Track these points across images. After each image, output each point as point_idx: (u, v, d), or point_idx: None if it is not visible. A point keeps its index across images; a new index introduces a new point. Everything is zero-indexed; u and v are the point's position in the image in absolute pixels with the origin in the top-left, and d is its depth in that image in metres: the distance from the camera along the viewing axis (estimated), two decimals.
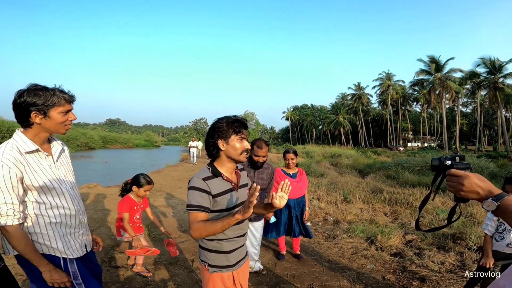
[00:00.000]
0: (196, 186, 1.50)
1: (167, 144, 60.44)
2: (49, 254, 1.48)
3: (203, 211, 1.49)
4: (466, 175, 0.93)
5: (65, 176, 1.58)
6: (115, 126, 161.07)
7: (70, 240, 1.54)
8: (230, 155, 1.56)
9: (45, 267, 1.42)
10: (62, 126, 1.49)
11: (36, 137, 1.46)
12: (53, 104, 1.42)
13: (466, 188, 0.93)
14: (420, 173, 11.14)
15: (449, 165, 1.05)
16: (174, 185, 9.22)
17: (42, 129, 1.46)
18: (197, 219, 1.46)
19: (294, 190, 3.60)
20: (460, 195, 0.95)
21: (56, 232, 1.48)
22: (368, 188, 8.21)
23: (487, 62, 33.07)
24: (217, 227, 1.40)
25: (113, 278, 3.11)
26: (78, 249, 1.58)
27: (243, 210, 1.32)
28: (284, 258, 3.82)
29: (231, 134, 1.54)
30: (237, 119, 1.58)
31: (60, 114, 1.45)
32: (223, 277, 1.60)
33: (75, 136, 34.06)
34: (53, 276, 1.43)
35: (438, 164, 1.10)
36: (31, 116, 1.40)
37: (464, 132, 56.92)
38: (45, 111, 1.41)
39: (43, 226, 1.45)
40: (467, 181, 0.92)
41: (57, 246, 1.48)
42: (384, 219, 5.71)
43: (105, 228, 4.66)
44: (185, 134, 46.19)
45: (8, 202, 1.34)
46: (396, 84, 54.44)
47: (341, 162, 17.27)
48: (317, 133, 76.76)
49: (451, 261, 3.64)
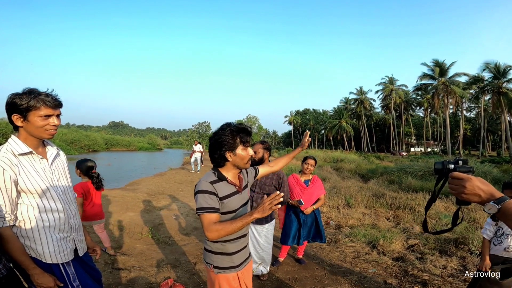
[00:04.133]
0: (205, 189, 1.53)
1: (169, 147, 60.54)
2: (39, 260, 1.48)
3: (215, 212, 1.51)
4: (468, 178, 0.94)
5: (58, 179, 1.58)
6: (118, 129, 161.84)
7: (62, 245, 1.53)
8: (237, 164, 1.61)
9: (32, 270, 1.42)
10: (43, 130, 1.45)
11: (27, 140, 1.46)
12: (30, 107, 1.40)
13: (468, 191, 0.93)
14: (423, 178, 11.09)
15: (452, 169, 1.06)
16: (177, 188, 9.24)
17: (27, 133, 1.45)
18: (212, 221, 1.48)
19: (304, 197, 3.57)
20: (462, 197, 0.95)
21: (49, 236, 1.48)
22: (370, 193, 8.19)
23: (491, 67, 32.97)
24: (236, 226, 1.44)
25: (115, 280, 3.13)
26: (68, 254, 1.57)
27: (262, 210, 1.35)
28: (278, 264, 3.73)
29: (238, 145, 1.57)
30: (241, 129, 1.59)
31: (39, 118, 1.42)
32: (228, 278, 1.63)
33: (78, 138, 34.19)
34: (40, 279, 1.43)
35: (441, 167, 1.11)
36: (12, 119, 1.41)
37: (468, 137, 56.61)
38: (24, 114, 1.40)
39: (35, 230, 1.45)
40: (469, 184, 0.93)
41: (48, 251, 1.48)
42: (386, 223, 5.70)
43: (107, 230, 4.69)
44: (187, 137, 46.30)
45: (0, 204, 1.35)
46: (399, 88, 54.34)
47: (343, 166, 17.21)
48: (320, 138, 76.68)
49: (453, 265, 3.64)
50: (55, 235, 1.51)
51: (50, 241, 1.49)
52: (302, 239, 3.66)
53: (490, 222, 2.47)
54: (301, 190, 3.61)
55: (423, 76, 41.74)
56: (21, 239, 1.44)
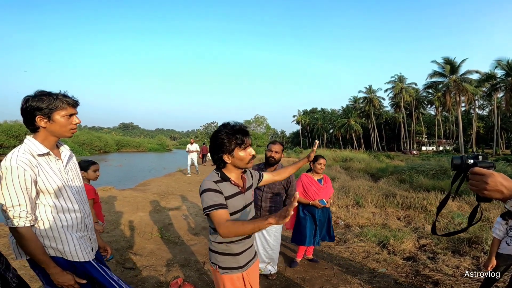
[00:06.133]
0: (210, 187, 1.53)
1: (178, 148, 60.99)
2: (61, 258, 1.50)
3: (223, 208, 1.48)
4: (491, 174, 0.91)
5: (73, 180, 1.62)
6: (128, 130, 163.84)
7: (82, 243, 1.57)
8: (237, 165, 1.60)
9: (52, 269, 1.45)
10: (67, 129, 1.53)
11: (45, 141, 1.50)
12: (56, 107, 1.47)
13: (490, 187, 0.90)
14: (435, 177, 10.88)
15: (472, 164, 1.02)
16: (186, 189, 9.32)
17: (49, 133, 1.50)
18: (223, 217, 1.44)
19: (321, 196, 3.57)
20: (483, 194, 0.92)
21: (69, 235, 1.51)
22: (380, 192, 8.08)
23: (504, 64, 32.20)
24: (247, 228, 1.34)
25: (126, 279, 3.17)
26: (90, 252, 1.61)
27: (280, 216, 1.16)
28: (296, 265, 3.74)
29: (234, 147, 1.55)
30: (237, 130, 1.55)
31: (64, 118, 1.50)
32: (233, 278, 1.64)
33: (90, 139, 34.81)
34: (61, 278, 1.46)
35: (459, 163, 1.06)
36: (36, 120, 1.45)
37: (481, 135, 55.34)
38: (49, 115, 1.46)
39: (55, 230, 1.48)
40: (491, 180, 0.90)
41: (69, 249, 1.51)
42: (397, 223, 5.62)
43: (119, 230, 4.76)
44: (196, 138, 46.58)
45: (21, 204, 1.37)
46: (409, 87, 53.57)
47: (352, 166, 17.03)
48: (328, 137, 76.14)
49: (466, 265, 3.56)
50: (74, 234, 1.54)
51: (71, 239, 1.52)
52: (318, 239, 3.65)
53: (500, 221, 2.42)
54: (317, 189, 3.59)
55: (433, 74, 41.04)
56: (41, 239, 1.46)
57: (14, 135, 24.34)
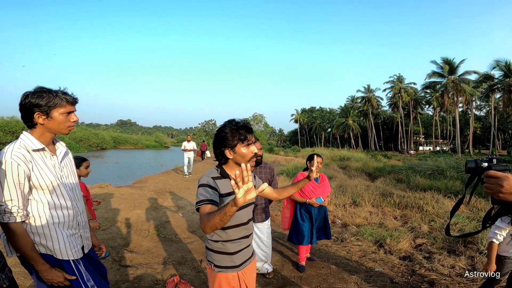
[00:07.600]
0: (205, 183, 1.53)
1: (176, 145, 60.86)
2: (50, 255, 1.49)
3: (211, 203, 1.46)
4: (506, 176, 0.91)
5: (67, 177, 1.60)
6: (125, 127, 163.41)
7: (72, 241, 1.55)
8: (238, 162, 1.58)
9: (41, 266, 1.43)
10: (64, 126, 1.52)
11: (41, 137, 1.50)
12: (55, 105, 1.46)
13: (506, 190, 0.90)
14: (432, 177, 10.94)
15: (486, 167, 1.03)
16: (183, 186, 9.30)
17: (46, 130, 1.50)
18: (204, 211, 1.42)
19: (318, 194, 3.56)
20: (499, 197, 0.93)
21: (59, 232, 1.50)
22: (377, 192, 8.11)
23: (502, 65, 32.35)
24: (216, 218, 1.28)
25: (123, 277, 3.17)
26: (79, 250, 1.59)
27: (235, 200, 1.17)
28: (304, 270, 3.59)
29: (236, 142, 1.54)
30: (241, 126, 1.56)
31: (62, 115, 1.49)
32: (228, 277, 1.63)
33: (87, 136, 34.66)
34: (49, 275, 1.44)
35: (474, 166, 1.07)
36: (34, 117, 1.45)
37: (478, 136, 55.63)
38: (47, 112, 1.45)
39: (46, 227, 1.47)
40: (507, 183, 0.90)
41: (59, 247, 1.49)
42: (393, 222, 5.64)
43: (115, 227, 4.74)
44: (194, 135, 46.54)
45: (13, 199, 1.36)
46: (408, 87, 53.70)
47: (350, 165, 17.10)
48: (326, 136, 76.30)
49: (462, 265, 3.58)
50: (65, 232, 1.53)
51: (61, 237, 1.50)
52: (316, 238, 3.65)
53: (500, 225, 2.37)
54: (313, 188, 3.59)
55: (432, 74, 41.17)
56: (31, 235, 1.45)
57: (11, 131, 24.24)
